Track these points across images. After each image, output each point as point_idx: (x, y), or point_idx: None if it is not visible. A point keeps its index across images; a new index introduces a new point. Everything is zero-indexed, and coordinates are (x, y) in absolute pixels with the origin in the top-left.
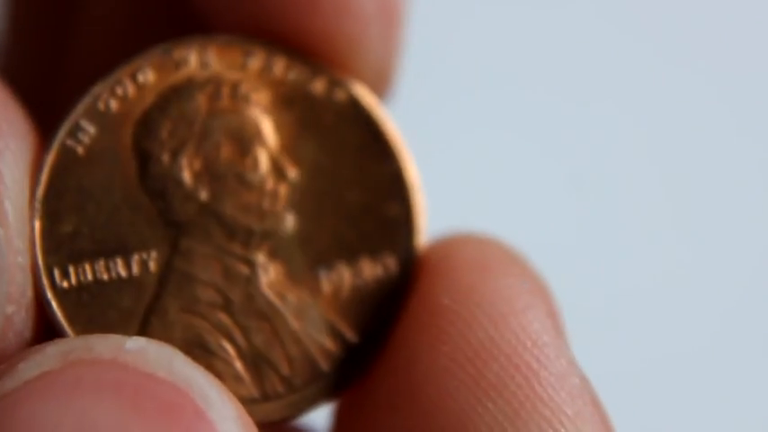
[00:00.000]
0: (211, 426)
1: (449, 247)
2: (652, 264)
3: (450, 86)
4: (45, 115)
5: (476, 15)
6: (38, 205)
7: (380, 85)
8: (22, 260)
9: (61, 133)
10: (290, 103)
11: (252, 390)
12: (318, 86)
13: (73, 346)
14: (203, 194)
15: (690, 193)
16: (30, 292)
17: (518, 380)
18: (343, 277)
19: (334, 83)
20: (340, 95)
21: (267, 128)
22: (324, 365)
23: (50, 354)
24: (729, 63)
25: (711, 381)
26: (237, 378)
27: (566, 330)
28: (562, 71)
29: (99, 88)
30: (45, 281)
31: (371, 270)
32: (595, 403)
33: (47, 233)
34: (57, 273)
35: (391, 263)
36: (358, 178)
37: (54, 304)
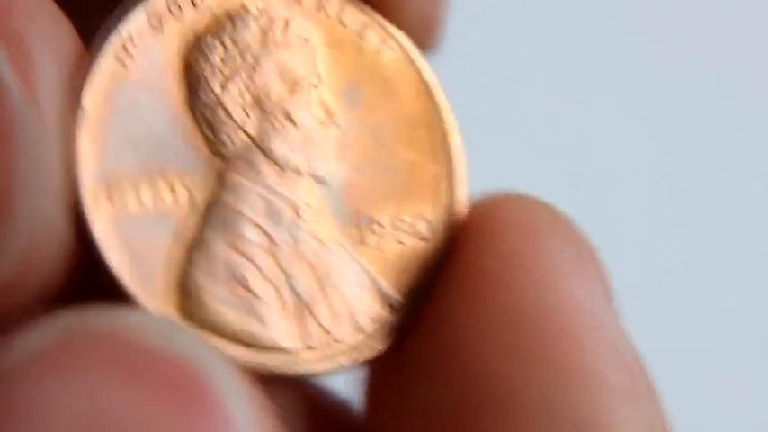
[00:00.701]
0: (217, 402)
1: (492, 207)
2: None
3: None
4: None
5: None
6: (82, 117)
7: (424, 40)
8: (57, 157)
9: (111, 43)
10: (342, 47)
11: (292, 339)
12: (370, 35)
13: (70, 321)
14: (251, 128)
15: (693, 192)
16: (64, 216)
17: (563, 347)
18: (386, 232)
19: (387, 34)
20: (392, 48)
21: (318, 68)
22: (365, 321)
23: (46, 329)
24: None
25: (709, 382)
26: (278, 324)
27: (615, 298)
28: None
29: (155, 3)
30: (86, 199)
31: (413, 226)
32: (644, 375)
33: (89, 149)
34: (100, 195)
35: (434, 221)
36: (405, 134)
37: (95, 226)
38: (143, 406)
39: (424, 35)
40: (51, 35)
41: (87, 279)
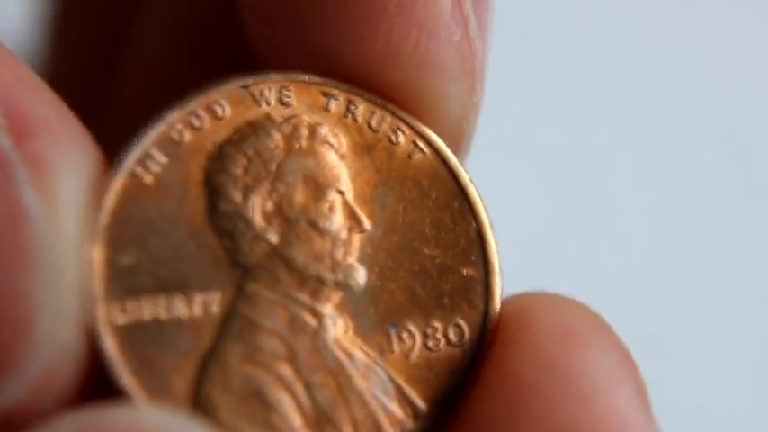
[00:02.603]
0: None
1: (527, 310)
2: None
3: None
4: None
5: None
6: (99, 233)
7: (456, 143)
8: (75, 278)
9: (130, 159)
10: (370, 152)
11: None
12: (401, 138)
13: (87, 418)
14: (273, 237)
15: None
16: (78, 335)
17: None
18: (414, 338)
19: (418, 135)
20: (423, 149)
21: (345, 174)
22: (388, 430)
23: (63, 427)
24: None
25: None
26: None
27: (651, 405)
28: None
29: (173, 116)
30: (100, 315)
31: (444, 333)
32: None
33: (106, 264)
34: (113, 307)
35: (466, 326)
36: (435, 236)
37: (107, 341)
38: None
39: (453, 141)
40: (74, 154)
41: (103, 385)
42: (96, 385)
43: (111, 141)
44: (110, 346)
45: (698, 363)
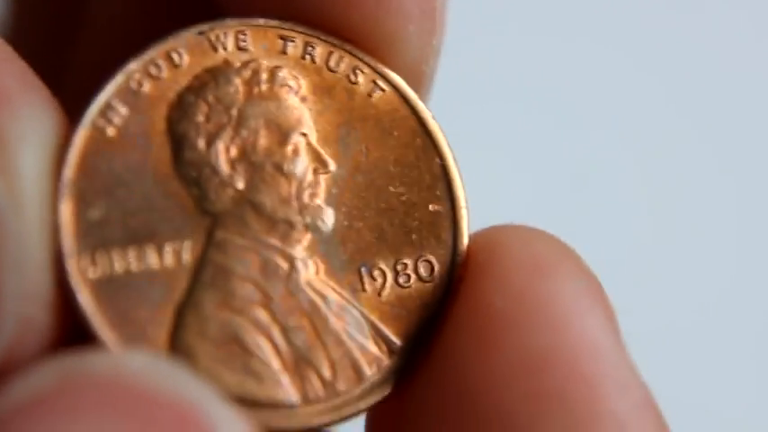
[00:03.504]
0: None
1: (495, 242)
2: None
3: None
4: None
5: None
6: (65, 188)
7: (416, 84)
8: (42, 253)
9: (92, 112)
10: (330, 92)
11: (291, 392)
12: (360, 77)
13: (70, 364)
14: (240, 183)
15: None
16: (51, 288)
17: (580, 390)
18: (385, 276)
19: (377, 74)
20: (383, 88)
21: (307, 116)
22: (367, 369)
23: (45, 373)
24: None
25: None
26: (276, 380)
27: (621, 332)
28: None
29: (132, 67)
30: (72, 270)
31: (414, 269)
32: (656, 413)
33: (74, 218)
34: (84, 261)
35: (435, 262)
36: (400, 174)
37: (81, 296)
38: None
39: (415, 81)
40: (35, 125)
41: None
42: (71, 343)
43: (74, 100)
44: (84, 300)
45: (696, 362)
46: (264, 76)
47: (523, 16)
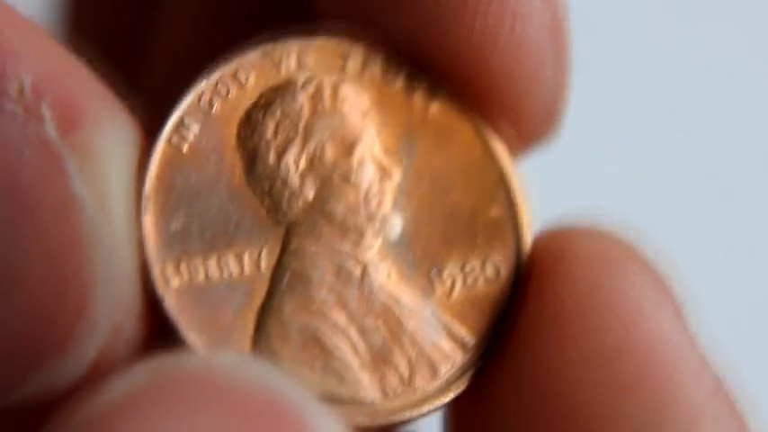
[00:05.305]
0: None
1: (561, 242)
2: None
3: None
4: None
5: None
6: (146, 202)
7: (548, 125)
8: (130, 264)
9: (167, 129)
10: (390, 106)
11: (372, 390)
12: (418, 91)
13: (163, 364)
14: (310, 194)
15: None
16: (139, 297)
17: (655, 382)
18: (453, 279)
19: (434, 88)
20: (440, 101)
21: (370, 129)
22: (442, 366)
23: (139, 373)
24: None
25: None
26: (356, 378)
27: (692, 324)
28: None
29: (202, 86)
30: (157, 280)
31: (482, 271)
32: (731, 400)
33: (156, 230)
34: (168, 270)
35: (501, 264)
36: (462, 181)
37: (167, 304)
38: None
39: (545, 124)
40: (118, 140)
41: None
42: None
43: (147, 111)
44: (170, 307)
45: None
46: (327, 91)
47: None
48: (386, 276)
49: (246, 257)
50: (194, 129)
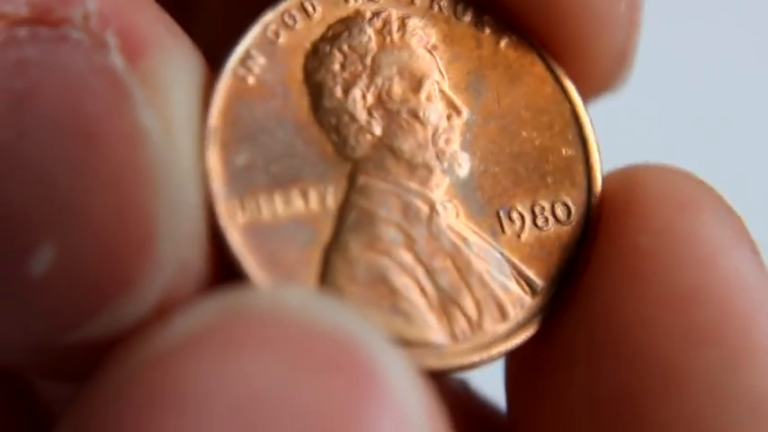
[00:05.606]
0: (382, 382)
1: (634, 181)
2: None
3: None
4: None
5: None
6: (211, 135)
7: (619, 68)
8: (196, 199)
9: (232, 60)
10: (459, 41)
11: (440, 332)
12: (487, 27)
13: (229, 301)
14: (377, 129)
15: None
16: (204, 233)
17: (732, 326)
18: (523, 219)
19: (503, 23)
20: (510, 36)
21: (438, 65)
22: (511, 309)
23: (205, 310)
24: None
25: None
26: (424, 319)
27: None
28: None
29: (268, 17)
30: (222, 214)
31: (552, 211)
32: None
33: (221, 164)
34: (233, 206)
35: (572, 204)
36: (531, 119)
37: (231, 239)
38: (305, 388)
39: (615, 71)
40: (184, 69)
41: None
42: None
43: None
44: (235, 243)
45: None
46: (395, 25)
47: None
48: (454, 216)
49: (312, 194)
50: (260, 61)
